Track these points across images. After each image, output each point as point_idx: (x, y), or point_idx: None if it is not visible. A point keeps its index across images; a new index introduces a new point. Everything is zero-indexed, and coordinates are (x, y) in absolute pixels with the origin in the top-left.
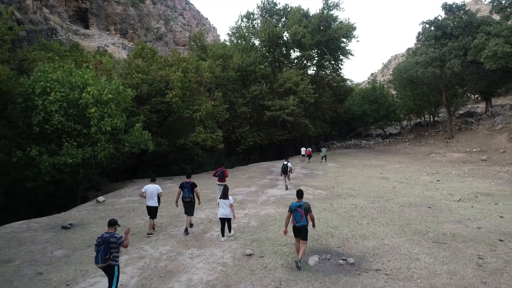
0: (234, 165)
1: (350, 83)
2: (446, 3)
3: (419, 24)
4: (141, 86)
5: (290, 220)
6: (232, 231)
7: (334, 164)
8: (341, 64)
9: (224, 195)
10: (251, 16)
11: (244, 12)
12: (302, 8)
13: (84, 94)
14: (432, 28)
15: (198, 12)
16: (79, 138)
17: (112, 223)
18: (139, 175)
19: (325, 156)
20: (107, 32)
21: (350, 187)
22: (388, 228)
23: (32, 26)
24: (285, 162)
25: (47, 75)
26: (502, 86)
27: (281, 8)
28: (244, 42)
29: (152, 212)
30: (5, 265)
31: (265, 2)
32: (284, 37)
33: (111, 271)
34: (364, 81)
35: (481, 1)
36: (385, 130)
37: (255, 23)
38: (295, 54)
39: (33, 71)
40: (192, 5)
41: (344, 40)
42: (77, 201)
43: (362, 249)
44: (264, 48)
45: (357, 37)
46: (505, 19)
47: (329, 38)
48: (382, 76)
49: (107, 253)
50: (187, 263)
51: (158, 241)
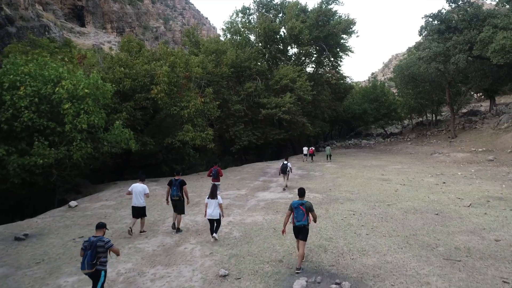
0: (228, 166)
1: (350, 81)
2: None
3: (422, 17)
4: (123, 81)
5: (290, 219)
6: (215, 234)
7: (333, 165)
8: (340, 61)
9: (212, 195)
10: (247, 11)
11: (240, 7)
12: (299, 2)
13: (57, 89)
14: (436, 21)
15: (198, 11)
16: (52, 137)
17: (100, 226)
18: (126, 176)
19: (329, 155)
20: (104, 31)
21: (349, 190)
22: (391, 240)
23: (23, 22)
24: (285, 162)
25: (18, 68)
26: (508, 83)
27: (278, 2)
28: (239, 38)
29: (140, 212)
30: None
31: None
32: (281, 33)
33: (96, 276)
34: (364, 81)
35: None
36: (386, 129)
37: (251, 18)
38: (292, 50)
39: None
40: (192, 4)
41: (344, 36)
42: (55, 204)
43: (360, 268)
44: (260, 44)
45: (357, 32)
46: None
47: (328, 33)
48: (383, 76)
49: (94, 258)
50: None
51: (121, 257)
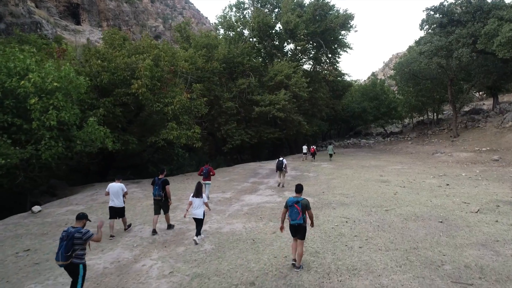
0: (220, 166)
1: (349, 78)
2: None
3: (423, 10)
4: (101, 74)
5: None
6: (201, 235)
7: (329, 165)
8: (338, 57)
9: (197, 193)
10: (242, 5)
11: (234, 1)
12: None
13: (22, 82)
14: (438, 14)
15: (198, 11)
16: (17, 135)
17: (81, 217)
18: (110, 178)
19: (331, 153)
20: (100, 29)
21: (343, 193)
22: (388, 256)
23: (12, 19)
24: (280, 158)
25: None
26: None
27: None
28: (232, 33)
29: (118, 213)
30: None
31: None
32: (278, 29)
33: (74, 271)
34: (364, 80)
35: None
36: (386, 128)
37: (246, 13)
38: (289, 46)
39: None
40: (192, 4)
41: (342, 32)
42: (27, 208)
43: None
44: (255, 39)
45: (355, 27)
46: None
47: (325, 28)
48: (383, 75)
49: (69, 249)
50: None
51: (60, 278)
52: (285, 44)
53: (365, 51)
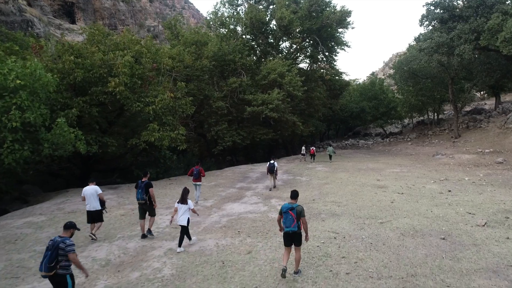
0: (210, 169)
1: (346, 77)
2: None
3: (423, 5)
4: (74, 71)
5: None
6: (192, 239)
7: (324, 168)
8: (335, 55)
9: (183, 199)
10: (235, 1)
11: None
12: None
13: None
14: (438, 9)
15: (198, 11)
16: None
17: (68, 226)
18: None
19: (331, 155)
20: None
21: (336, 201)
22: (379, 287)
23: (1, 16)
24: (272, 161)
25: None
26: None
27: None
28: (224, 30)
29: (94, 217)
30: None
31: None
32: (273, 26)
33: (60, 282)
34: (364, 80)
35: None
36: (385, 129)
37: (240, 9)
38: (284, 44)
39: None
40: (192, 4)
41: (340, 30)
42: None
43: None
44: (249, 36)
45: (352, 24)
46: None
47: (322, 25)
48: (383, 75)
49: (53, 260)
50: None
51: None
52: (281, 42)
53: (365, 50)
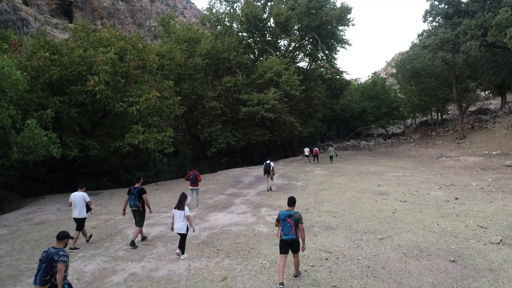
0: (204, 172)
1: (347, 77)
2: None
3: (427, 1)
4: (50, 69)
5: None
6: (185, 254)
7: (322, 171)
8: (335, 54)
9: (180, 205)
10: None
11: None
12: None
13: None
14: (442, 4)
15: (200, 11)
16: None
17: (61, 237)
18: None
19: (332, 156)
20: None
21: (331, 211)
22: None
23: None
24: (268, 162)
25: None
26: None
27: None
28: (220, 27)
29: (78, 224)
30: None
31: None
32: (272, 24)
33: None
34: (366, 80)
35: None
36: (387, 129)
37: (236, 6)
38: (283, 42)
39: None
40: (193, 4)
41: (340, 27)
42: None
43: None
44: (245, 34)
45: (353, 20)
46: None
47: (321, 22)
48: (385, 75)
49: (48, 273)
50: None
51: None
52: (279, 40)
53: (367, 50)
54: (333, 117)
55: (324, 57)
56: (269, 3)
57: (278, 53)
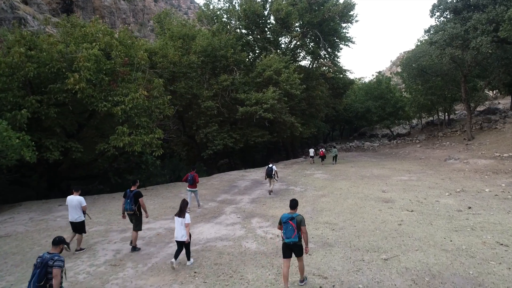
0: (200, 175)
1: (351, 75)
2: None
3: None
4: (26, 66)
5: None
6: (191, 260)
7: (323, 175)
8: (338, 51)
9: (180, 212)
10: None
11: None
12: None
13: None
14: None
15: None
16: None
17: (57, 242)
18: (57, 192)
19: (335, 156)
20: None
21: (330, 222)
22: None
23: None
24: (270, 165)
25: None
26: None
27: None
28: (217, 23)
29: (78, 228)
30: None
31: None
32: (272, 21)
33: None
34: (371, 80)
35: None
36: (392, 130)
37: (234, 2)
38: (284, 40)
39: None
40: (197, 4)
41: (343, 25)
42: None
43: None
44: (244, 31)
45: (356, 16)
46: None
47: (323, 19)
48: (390, 74)
49: (42, 279)
50: None
51: None
52: (281, 37)
53: (372, 50)
54: (336, 117)
55: (327, 55)
56: (269, 1)
57: (278, 51)
